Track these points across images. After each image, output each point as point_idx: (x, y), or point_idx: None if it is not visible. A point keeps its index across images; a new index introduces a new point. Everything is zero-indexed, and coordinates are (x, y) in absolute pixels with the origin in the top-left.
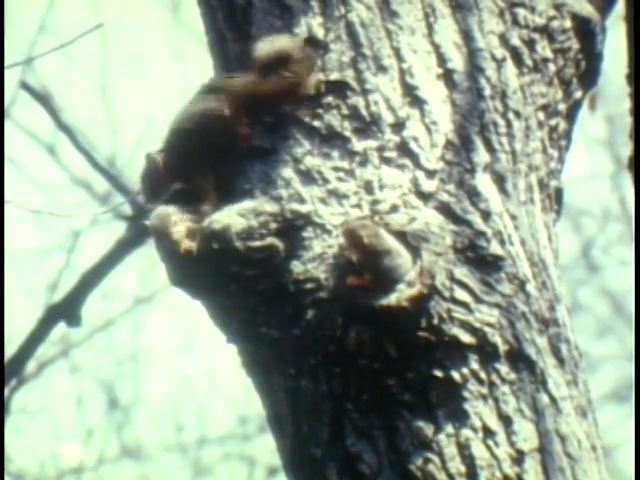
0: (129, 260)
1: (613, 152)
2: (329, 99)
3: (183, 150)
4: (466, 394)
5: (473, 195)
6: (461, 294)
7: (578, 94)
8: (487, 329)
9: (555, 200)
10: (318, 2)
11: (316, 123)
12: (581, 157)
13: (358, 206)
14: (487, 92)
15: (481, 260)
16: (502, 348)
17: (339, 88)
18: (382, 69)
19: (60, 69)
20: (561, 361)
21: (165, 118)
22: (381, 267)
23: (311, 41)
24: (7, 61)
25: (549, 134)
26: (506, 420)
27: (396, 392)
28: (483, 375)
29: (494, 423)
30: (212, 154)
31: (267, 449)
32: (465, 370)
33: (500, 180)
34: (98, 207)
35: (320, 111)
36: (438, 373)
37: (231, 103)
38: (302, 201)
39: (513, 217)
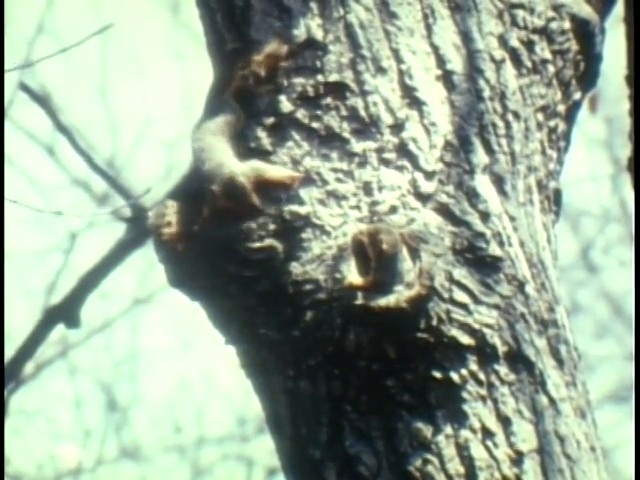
0: (128, 261)
1: (612, 153)
2: (328, 100)
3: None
4: (465, 395)
5: (472, 196)
6: (460, 295)
7: (577, 95)
8: (486, 330)
9: (554, 201)
10: (317, 3)
11: (315, 124)
12: (580, 158)
13: (357, 207)
14: (486, 93)
15: (480, 261)
16: (501, 349)
17: (338, 89)
18: (381, 70)
19: (59, 70)
20: (560, 362)
21: (164, 119)
22: (386, 277)
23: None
24: (6, 60)
25: (548, 135)
26: (505, 421)
27: (395, 393)
28: (482, 376)
29: (493, 424)
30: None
31: (266, 450)
32: (464, 371)
33: (499, 181)
34: (97, 208)
35: (319, 112)
36: (437, 374)
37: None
38: (301, 202)
39: (512, 218)
